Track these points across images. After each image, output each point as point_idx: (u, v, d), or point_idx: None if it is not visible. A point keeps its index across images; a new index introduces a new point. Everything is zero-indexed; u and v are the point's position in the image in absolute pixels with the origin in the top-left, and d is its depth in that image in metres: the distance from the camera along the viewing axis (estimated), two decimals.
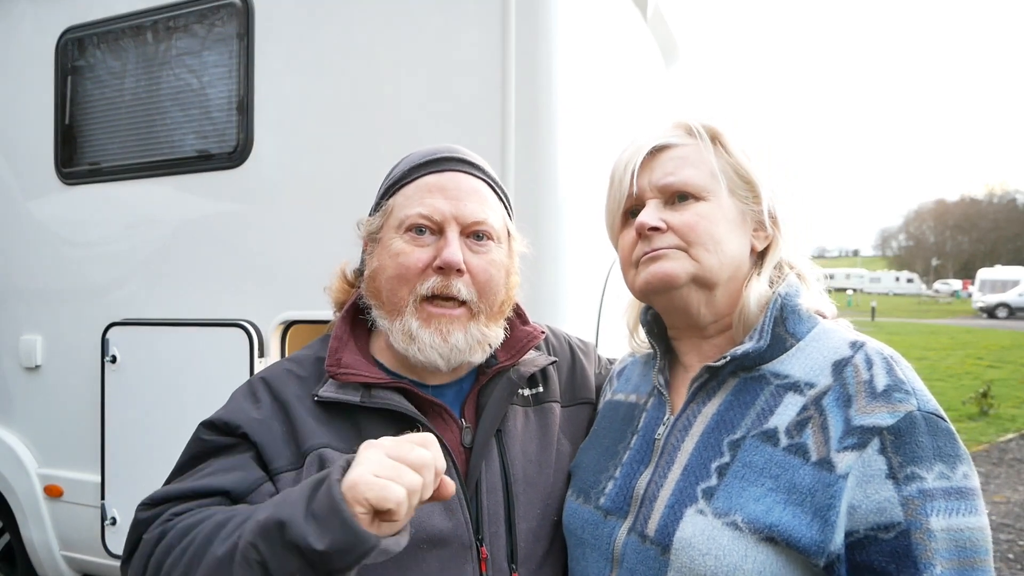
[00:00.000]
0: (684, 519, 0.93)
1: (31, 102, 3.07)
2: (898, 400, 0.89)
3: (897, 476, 0.86)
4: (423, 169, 1.15)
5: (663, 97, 3.57)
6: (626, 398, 1.21)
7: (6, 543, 3.26)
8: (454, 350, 1.09)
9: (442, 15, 2.31)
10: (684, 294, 1.04)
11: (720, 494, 0.92)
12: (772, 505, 0.88)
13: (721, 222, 1.04)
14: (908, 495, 0.85)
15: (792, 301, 1.03)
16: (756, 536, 0.87)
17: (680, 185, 1.04)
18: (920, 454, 0.86)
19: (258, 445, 1.05)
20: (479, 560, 1.05)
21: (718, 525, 0.90)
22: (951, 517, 0.85)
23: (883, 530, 0.85)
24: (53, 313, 3.05)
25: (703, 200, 1.04)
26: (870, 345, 0.97)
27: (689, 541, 0.91)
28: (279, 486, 1.02)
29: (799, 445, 0.91)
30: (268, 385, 1.13)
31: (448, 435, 1.11)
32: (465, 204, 1.12)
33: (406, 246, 1.10)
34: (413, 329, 1.08)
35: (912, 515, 0.85)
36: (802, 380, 0.96)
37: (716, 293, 1.05)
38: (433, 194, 1.12)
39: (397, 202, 1.14)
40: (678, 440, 1.02)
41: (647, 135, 1.11)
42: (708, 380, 1.04)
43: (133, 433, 2.71)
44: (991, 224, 74.67)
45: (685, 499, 0.95)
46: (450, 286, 1.08)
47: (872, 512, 0.86)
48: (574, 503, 1.12)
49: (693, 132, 1.08)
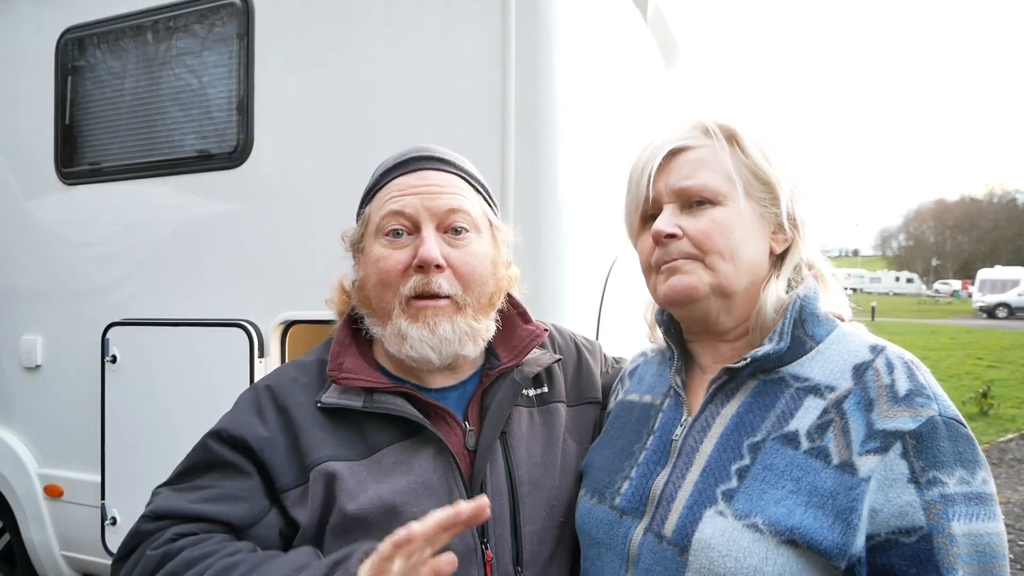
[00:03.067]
0: (703, 520, 0.92)
1: (31, 102, 3.07)
2: (920, 405, 0.89)
3: (919, 480, 0.86)
4: (394, 172, 1.15)
5: (663, 97, 3.57)
6: (640, 398, 1.20)
7: (6, 543, 3.25)
8: (443, 341, 1.09)
9: (442, 15, 2.31)
10: (704, 305, 1.04)
11: (740, 496, 0.92)
12: (793, 507, 0.88)
13: (738, 227, 1.03)
14: (930, 499, 0.85)
15: (811, 303, 1.02)
16: (777, 538, 0.87)
17: (697, 190, 1.03)
18: (941, 459, 0.87)
19: (264, 464, 1.05)
20: (484, 563, 1.05)
21: (738, 527, 0.89)
22: (972, 522, 0.85)
23: (904, 534, 0.85)
24: (53, 313, 3.05)
25: (719, 205, 1.03)
26: (890, 349, 0.97)
27: (708, 542, 0.90)
28: (286, 503, 1.03)
29: (820, 448, 0.90)
30: (273, 395, 1.12)
31: (452, 438, 1.11)
32: (437, 198, 1.11)
33: (384, 250, 1.10)
34: (403, 328, 1.09)
35: (934, 519, 0.85)
36: (822, 383, 0.96)
37: (735, 300, 1.04)
38: (404, 192, 1.11)
39: (373, 208, 1.15)
40: (696, 441, 1.01)
41: (664, 136, 1.09)
42: (727, 382, 1.03)
43: (133, 433, 2.70)
44: (991, 224, 74.65)
45: (704, 500, 0.94)
46: (431, 283, 1.08)
47: (894, 516, 0.86)
48: (588, 503, 1.11)
49: (709, 132, 1.07)
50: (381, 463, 1.06)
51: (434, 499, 1.04)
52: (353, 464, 1.05)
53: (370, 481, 1.04)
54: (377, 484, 1.04)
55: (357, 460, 1.05)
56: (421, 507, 1.03)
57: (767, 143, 1.07)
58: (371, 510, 1.02)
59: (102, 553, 2.77)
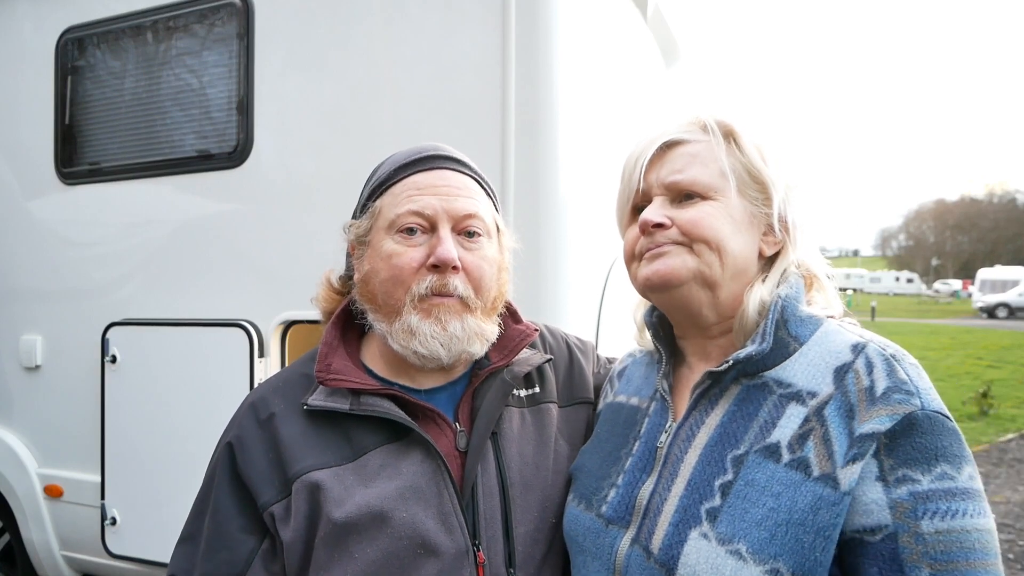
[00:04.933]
0: (688, 542, 0.92)
1: (31, 102, 3.07)
2: (897, 402, 0.87)
3: (887, 479, 0.85)
4: (410, 168, 1.14)
5: (663, 97, 3.57)
6: (628, 400, 1.20)
7: (6, 543, 3.25)
8: (453, 338, 1.08)
9: (442, 15, 2.31)
10: (685, 292, 1.03)
11: (724, 517, 0.91)
12: (775, 529, 0.87)
13: (726, 221, 1.02)
14: (897, 498, 0.84)
15: (792, 303, 1.01)
16: (760, 567, 0.86)
17: (687, 184, 1.03)
18: (915, 456, 0.85)
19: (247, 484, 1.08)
20: (476, 565, 1.05)
21: (721, 552, 0.89)
22: (953, 519, 0.83)
23: (869, 532, 0.85)
24: (53, 313, 3.05)
25: (709, 200, 1.03)
26: (871, 346, 0.95)
27: (693, 568, 0.90)
28: (273, 516, 1.05)
29: (801, 460, 0.89)
30: (255, 409, 1.14)
31: (442, 440, 1.10)
32: (456, 200, 1.11)
33: (398, 247, 1.09)
34: (413, 324, 1.08)
35: (900, 518, 0.83)
36: (804, 389, 0.95)
37: (719, 293, 1.03)
38: (423, 192, 1.11)
39: (385, 203, 1.13)
40: (681, 451, 1.01)
41: (660, 129, 1.09)
42: (711, 387, 1.02)
43: (133, 433, 2.70)
44: (991, 224, 74.59)
45: (689, 519, 0.94)
46: (447, 283, 1.08)
47: (859, 514, 0.85)
48: (575, 509, 1.11)
49: (707, 129, 1.06)
50: (367, 466, 1.05)
51: (423, 503, 1.04)
52: (338, 469, 1.04)
53: (357, 486, 1.03)
54: (364, 489, 1.03)
55: (342, 464, 1.05)
56: (410, 511, 1.02)
57: (764, 143, 1.07)
58: (359, 517, 1.01)
59: (102, 553, 2.77)
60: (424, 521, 1.02)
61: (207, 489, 1.13)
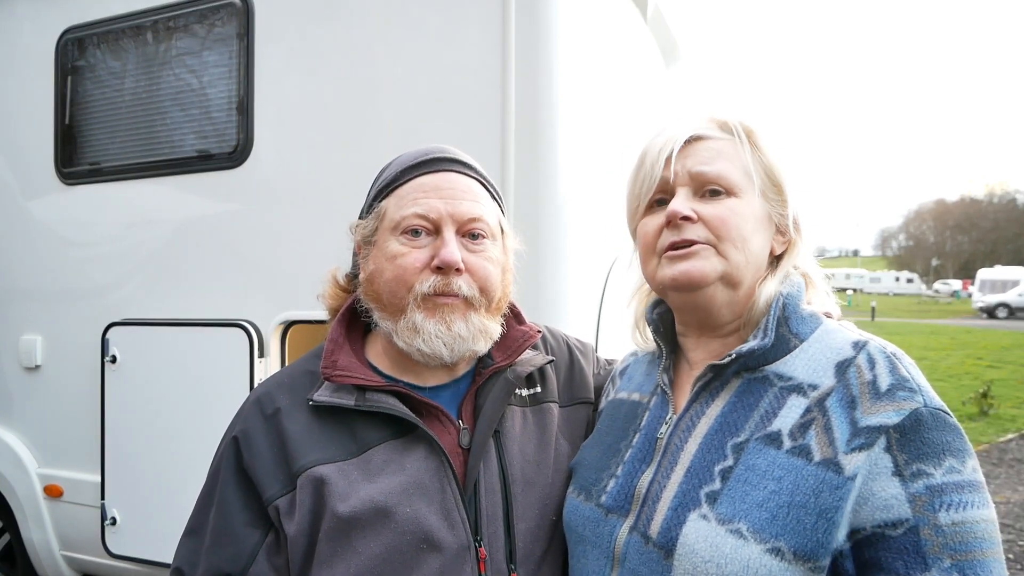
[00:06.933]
0: (687, 524, 0.93)
1: (31, 102, 3.07)
2: (902, 398, 0.89)
3: (903, 473, 0.86)
4: (416, 170, 1.15)
5: (663, 97, 3.57)
6: (629, 396, 1.21)
7: (6, 543, 3.26)
8: (457, 338, 1.09)
9: (442, 15, 2.31)
10: (710, 292, 1.03)
11: (723, 499, 0.92)
12: (776, 510, 0.88)
13: (750, 220, 1.03)
14: (915, 492, 0.85)
15: (794, 301, 1.03)
16: (761, 546, 0.87)
17: (715, 176, 1.03)
18: (926, 451, 0.87)
19: (253, 478, 1.08)
20: (478, 560, 1.06)
21: (721, 532, 0.90)
22: (964, 510, 0.85)
23: (891, 527, 0.86)
24: (53, 313, 3.05)
25: (735, 196, 1.03)
26: (872, 344, 0.97)
27: (692, 547, 0.91)
28: (278, 510, 1.05)
29: (802, 447, 0.91)
30: (260, 404, 1.14)
31: (445, 437, 1.11)
32: (460, 203, 1.12)
33: (402, 248, 1.11)
34: (418, 322, 1.09)
35: (920, 511, 0.85)
36: (805, 382, 0.96)
37: (740, 292, 1.04)
38: (428, 194, 1.12)
39: (391, 204, 1.14)
40: (681, 440, 1.02)
41: (681, 124, 1.09)
42: (712, 379, 1.03)
43: (133, 433, 2.71)
44: (991, 224, 74.61)
45: (688, 502, 0.95)
46: (451, 284, 1.09)
47: (879, 509, 0.86)
48: (575, 500, 1.12)
49: (730, 128, 1.07)
50: (371, 461, 1.06)
51: (426, 498, 1.05)
52: (342, 464, 1.05)
53: (361, 481, 1.04)
54: (368, 484, 1.04)
55: (346, 459, 1.06)
56: (413, 507, 1.04)
57: (779, 146, 1.08)
58: (363, 511, 1.02)
59: (102, 553, 2.77)
60: (427, 516, 1.04)
61: (212, 483, 1.14)
